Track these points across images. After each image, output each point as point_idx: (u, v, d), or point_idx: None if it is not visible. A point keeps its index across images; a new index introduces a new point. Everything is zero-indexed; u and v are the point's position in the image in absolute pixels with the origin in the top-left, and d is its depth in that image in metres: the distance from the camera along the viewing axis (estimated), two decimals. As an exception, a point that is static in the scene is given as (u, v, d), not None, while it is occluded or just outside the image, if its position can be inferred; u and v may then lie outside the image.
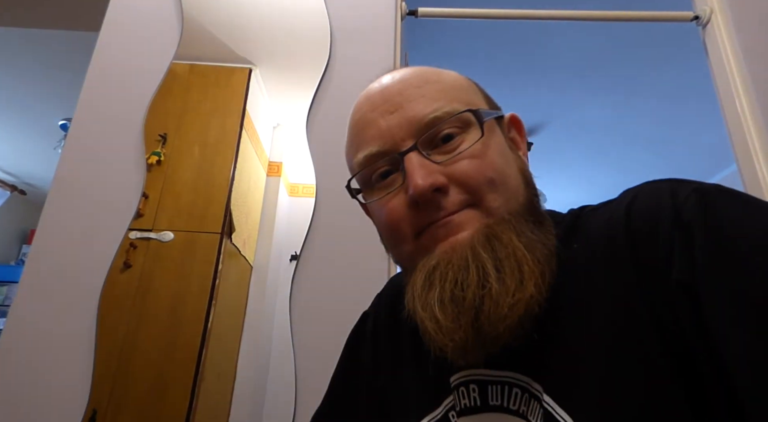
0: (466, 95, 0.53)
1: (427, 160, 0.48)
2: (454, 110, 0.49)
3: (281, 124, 1.42)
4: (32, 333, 1.13)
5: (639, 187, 0.46)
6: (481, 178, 0.48)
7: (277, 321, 1.20)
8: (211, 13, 1.46)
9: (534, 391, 0.45)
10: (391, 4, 1.47)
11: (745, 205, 0.39)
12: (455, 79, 0.55)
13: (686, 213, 0.39)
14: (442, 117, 0.49)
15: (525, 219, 0.47)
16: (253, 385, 1.17)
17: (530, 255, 0.44)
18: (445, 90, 0.52)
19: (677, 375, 0.36)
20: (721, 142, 1.71)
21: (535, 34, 2.83)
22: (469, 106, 0.51)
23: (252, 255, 1.28)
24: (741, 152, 1.36)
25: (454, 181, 0.48)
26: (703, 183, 0.42)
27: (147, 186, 1.25)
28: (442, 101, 0.50)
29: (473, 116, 0.50)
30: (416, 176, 0.46)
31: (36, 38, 2.66)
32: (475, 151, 0.48)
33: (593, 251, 0.46)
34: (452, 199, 0.47)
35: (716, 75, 1.48)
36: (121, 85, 1.37)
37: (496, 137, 0.52)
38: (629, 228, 0.42)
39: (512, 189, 0.49)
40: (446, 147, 0.49)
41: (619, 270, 0.42)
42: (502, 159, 0.50)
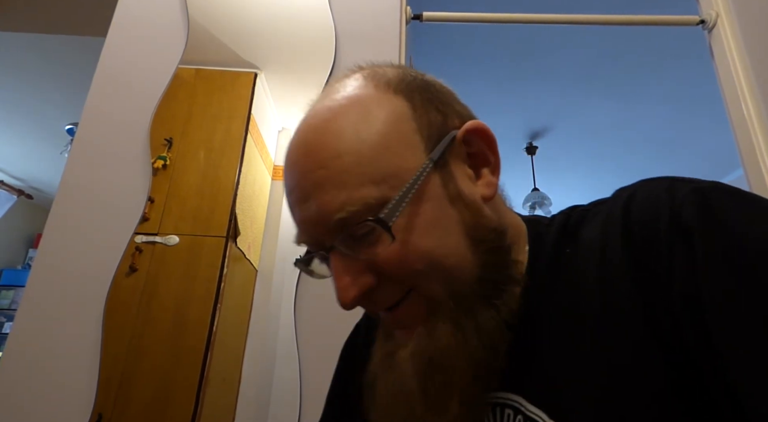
0: (381, 165, 0.43)
1: (347, 262, 0.44)
2: (363, 206, 0.42)
3: (286, 128, 1.42)
4: (38, 337, 1.14)
5: (634, 187, 0.44)
6: (409, 272, 0.43)
7: (281, 324, 1.20)
8: (216, 18, 1.47)
9: (528, 413, 0.43)
10: (396, 9, 1.47)
11: (747, 206, 0.37)
12: (367, 135, 0.44)
13: (685, 216, 0.36)
14: (348, 218, 0.42)
15: (470, 302, 0.44)
16: (258, 389, 1.16)
17: (464, 360, 0.43)
18: (348, 170, 0.43)
19: (677, 388, 0.35)
20: (727, 146, 1.70)
21: (540, 38, 2.83)
22: (384, 179, 0.43)
23: (257, 259, 1.28)
24: (747, 156, 1.35)
25: (383, 277, 0.44)
26: (702, 181, 0.40)
27: (153, 190, 1.26)
28: (348, 189, 0.42)
29: (378, 225, 0.42)
30: (340, 288, 0.44)
31: (43, 43, 2.68)
32: (397, 246, 0.42)
33: (587, 257, 0.43)
34: (385, 294, 0.45)
35: (722, 79, 1.47)
36: (127, 90, 1.38)
37: (427, 204, 0.44)
38: (626, 232, 0.40)
39: (451, 267, 0.44)
40: (366, 241, 0.43)
41: (615, 278, 0.40)
42: (436, 235, 0.44)
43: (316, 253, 0.47)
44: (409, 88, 0.47)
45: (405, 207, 0.42)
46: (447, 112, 0.48)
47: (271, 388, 1.15)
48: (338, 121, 0.45)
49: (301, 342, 1.16)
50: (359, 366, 0.61)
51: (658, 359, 0.36)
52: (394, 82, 0.47)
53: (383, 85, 0.47)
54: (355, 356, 0.65)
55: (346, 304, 0.44)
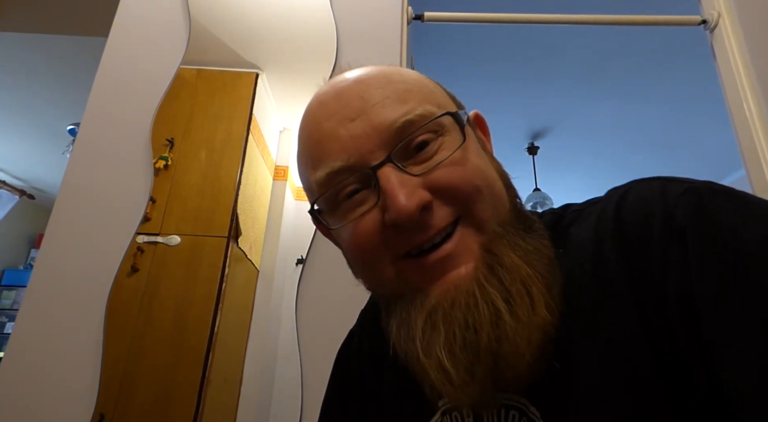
0: (434, 95, 0.47)
1: (405, 174, 0.42)
2: (428, 112, 0.43)
3: (287, 128, 1.42)
4: (40, 336, 1.14)
5: (627, 186, 0.44)
6: (468, 188, 0.42)
7: (283, 324, 1.20)
8: (218, 19, 1.47)
9: (531, 415, 0.42)
10: (397, 9, 1.47)
11: (740, 207, 0.36)
12: (419, 78, 0.49)
13: (679, 217, 0.36)
14: (414, 121, 0.43)
15: (516, 229, 0.44)
16: (260, 389, 1.17)
17: (533, 272, 0.41)
18: (411, 90, 0.45)
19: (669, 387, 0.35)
20: (728, 146, 1.70)
21: (541, 38, 2.83)
22: (440, 107, 0.45)
23: (258, 259, 1.28)
24: (749, 156, 1.35)
25: (438, 194, 0.42)
26: (695, 181, 0.39)
27: (154, 190, 1.26)
28: (411, 102, 0.44)
29: (453, 120, 0.44)
30: (399, 196, 0.40)
31: (45, 44, 2.68)
32: (457, 158, 0.43)
33: (580, 257, 0.43)
34: (438, 215, 0.42)
35: (724, 79, 1.47)
36: (128, 90, 1.38)
37: (472, 140, 0.46)
38: (618, 232, 0.40)
39: (498, 195, 0.45)
40: (422, 155, 0.43)
41: (609, 277, 0.39)
42: (483, 163, 0.45)
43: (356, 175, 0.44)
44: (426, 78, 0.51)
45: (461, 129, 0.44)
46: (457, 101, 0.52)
47: (273, 388, 1.16)
48: (391, 68, 0.49)
49: (302, 342, 1.16)
50: (353, 374, 0.62)
51: (650, 358, 0.36)
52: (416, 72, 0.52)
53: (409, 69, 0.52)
54: (349, 364, 0.64)
55: (410, 212, 0.40)
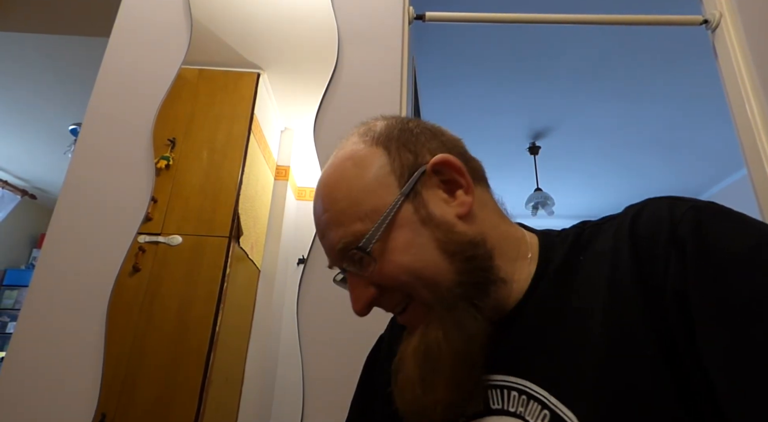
0: (365, 207, 0.56)
1: (357, 278, 0.57)
2: (351, 241, 0.55)
3: (289, 128, 1.42)
4: (42, 336, 1.14)
5: (642, 204, 0.52)
6: (400, 282, 0.55)
7: (284, 324, 1.20)
8: (219, 19, 1.47)
9: (534, 393, 0.50)
10: (399, 9, 1.47)
11: (733, 223, 0.45)
12: (352, 185, 0.57)
13: (682, 229, 0.45)
14: (344, 248, 0.56)
15: (452, 304, 0.54)
16: (261, 389, 1.17)
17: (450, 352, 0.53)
18: (346, 209, 0.56)
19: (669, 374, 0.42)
20: (731, 146, 1.70)
21: (543, 38, 2.83)
22: (370, 216, 0.55)
23: (260, 259, 1.28)
24: (751, 156, 1.35)
25: (383, 288, 0.57)
26: (699, 201, 0.48)
27: (156, 190, 1.26)
28: (345, 226, 0.56)
29: (360, 252, 0.55)
30: (352, 301, 0.58)
31: (46, 43, 2.68)
32: (382, 264, 0.55)
33: (599, 262, 0.51)
34: (390, 302, 0.58)
35: (726, 79, 1.47)
36: (130, 90, 1.38)
37: (402, 229, 0.55)
38: (633, 242, 0.48)
39: (433, 275, 0.54)
40: (362, 264, 0.55)
41: (622, 280, 0.47)
42: (412, 252, 0.55)
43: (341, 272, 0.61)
44: (389, 139, 0.60)
45: (382, 234, 0.54)
46: (419, 151, 0.59)
47: (274, 388, 1.16)
48: (336, 176, 0.59)
49: (303, 342, 1.16)
50: (380, 377, 0.70)
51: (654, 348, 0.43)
52: (378, 136, 0.60)
53: (369, 139, 0.60)
54: (376, 368, 0.74)
55: (357, 312, 0.58)
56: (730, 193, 4.70)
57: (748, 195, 1.32)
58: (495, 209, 0.62)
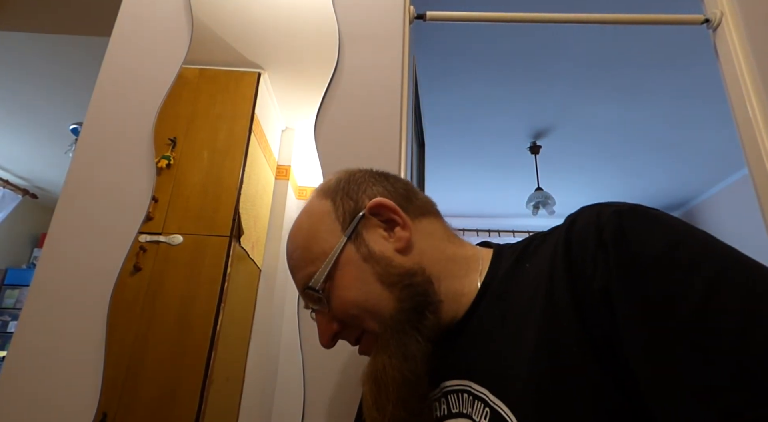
0: (316, 250, 0.66)
1: (321, 314, 0.68)
2: (307, 282, 0.65)
3: (289, 128, 1.42)
4: (43, 336, 1.14)
5: (577, 212, 0.56)
6: (351, 314, 0.64)
7: (285, 324, 1.20)
8: (220, 18, 1.47)
9: (477, 392, 0.56)
10: (399, 8, 1.47)
11: (652, 225, 0.49)
12: (306, 235, 0.69)
13: (605, 232, 0.49)
14: (302, 288, 0.66)
15: (395, 329, 0.60)
16: (262, 389, 1.17)
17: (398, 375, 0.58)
18: (302, 255, 0.68)
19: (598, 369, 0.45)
20: (732, 144, 1.69)
21: (544, 37, 2.83)
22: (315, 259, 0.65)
23: (260, 259, 1.28)
24: (752, 156, 1.35)
25: (341, 323, 0.66)
26: (623, 204, 0.52)
27: (156, 189, 1.26)
28: (302, 270, 0.67)
29: (312, 292, 0.65)
30: (319, 336, 0.68)
31: (47, 43, 2.69)
32: (333, 301, 0.65)
33: (540, 268, 0.56)
34: (348, 334, 0.68)
35: (727, 78, 1.46)
36: (131, 90, 1.38)
37: (347, 267, 0.64)
38: (566, 248, 0.52)
39: (377, 305, 0.62)
40: (320, 302, 0.65)
41: (556, 284, 0.51)
42: (356, 287, 0.64)
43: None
44: (335, 191, 0.70)
45: (329, 273, 0.64)
46: (359, 198, 0.69)
47: (275, 387, 1.16)
48: (295, 229, 0.71)
49: (304, 342, 1.16)
50: None
51: (584, 346, 0.47)
52: (327, 190, 0.71)
53: (321, 194, 0.71)
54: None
55: (322, 345, 0.68)
56: (731, 193, 4.69)
57: (749, 194, 1.32)
58: (443, 236, 0.70)
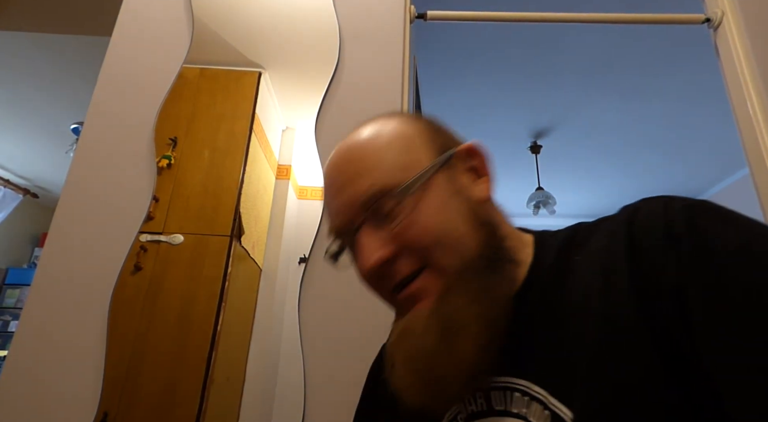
0: (402, 160, 0.57)
1: (373, 236, 0.55)
2: (385, 187, 0.55)
3: (290, 127, 1.42)
4: (44, 335, 1.14)
5: (637, 204, 0.52)
6: (425, 242, 0.54)
7: (286, 323, 1.20)
8: (221, 18, 1.47)
9: (534, 394, 0.50)
10: (400, 8, 1.47)
11: (725, 220, 0.46)
12: (392, 141, 0.59)
13: (677, 227, 0.45)
14: (378, 191, 0.55)
15: (477, 270, 0.53)
16: (263, 388, 1.17)
17: (474, 315, 0.51)
18: (379, 162, 0.57)
19: (669, 372, 0.42)
20: (733, 144, 1.69)
21: (546, 36, 2.83)
22: (407, 169, 0.56)
23: (261, 258, 1.28)
24: (753, 155, 1.35)
25: (404, 247, 0.55)
26: (692, 199, 0.49)
27: (157, 189, 1.26)
28: (375, 175, 0.56)
29: (402, 192, 0.55)
30: (363, 258, 0.55)
31: (48, 43, 2.69)
32: (416, 217, 0.54)
33: (593, 262, 0.52)
34: (403, 264, 0.55)
35: (728, 78, 1.46)
36: (132, 89, 1.38)
37: (436, 191, 0.56)
38: (629, 242, 0.49)
39: (459, 240, 0.55)
40: (390, 216, 0.55)
41: (617, 279, 0.48)
42: (443, 214, 0.55)
43: (345, 236, 0.59)
44: (423, 119, 0.64)
45: (419, 188, 0.55)
46: (449, 136, 0.63)
47: (276, 387, 1.16)
48: (374, 133, 0.60)
49: (305, 341, 1.16)
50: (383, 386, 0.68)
51: (649, 347, 0.43)
52: (412, 117, 0.64)
53: (406, 119, 0.63)
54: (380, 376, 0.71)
55: (369, 268, 0.55)
56: (732, 192, 4.69)
57: (750, 194, 1.32)
58: (501, 210, 0.64)
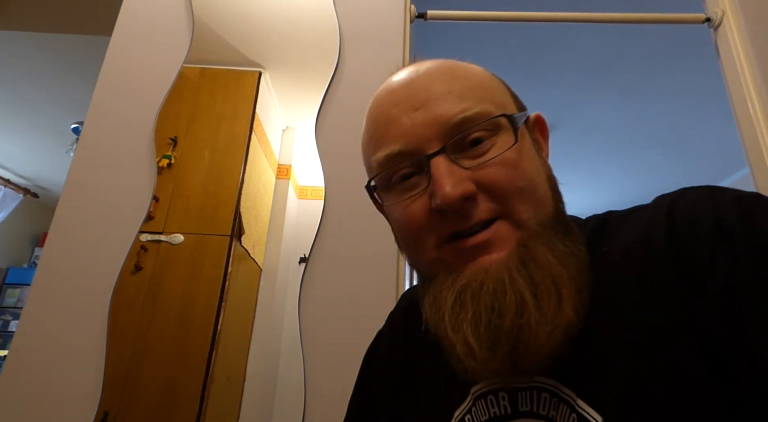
0: (495, 95, 0.51)
1: (455, 166, 0.46)
2: (486, 112, 0.47)
3: (290, 127, 1.42)
4: (44, 335, 1.14)
5: (678, 193, 0.46)
6: (512, 188, 0.46)
7: (286, 323, 1.20)
8: (221, 17, 1.47)
9: (563, 395, 0.45)
10: (400, 8, 1.47)
11: None
12: (483, 75, 0.53)
13: (728, 220, 0.40)
14: (472, 118, 0.47)
15: (555, 231, 0.47)
16: (263, 388, 1.17)
17: (566, 273, 0.44)
18: (473, 87, 0.50)
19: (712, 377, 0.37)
20: (733, 144, 1.69)
21: (546, 35, 2.82)
22: (498, 106, 0.49)
23: (261, 258, 1.28)
24: (753, 154, 1.35)
25: (484, 189, 0.46)
26: (743, 191, 0.43)
27: (157, 189, 1.26)
28: (471, 100, 0.48)
29: (507, 121, 0.48)
30: (445, 184, 0.45)
31: (48, 42, 2.68)
32: (506, 158, 0.46)
33: (627, 254, 0.45)
34: (480, 208, 0.46)
35: (728, 77, 1.46)
36: (132, 89, 1.38)
37: (526, 143, 0.50)
38: (670, 233, 0.43)
39: (541, 198, 0.48)
40: (475, 151, 0.47)
41: (656, 273, 0.42)
42: (532, 166, 0.49)
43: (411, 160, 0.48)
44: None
45: (513, 131, 0.48)
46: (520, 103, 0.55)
47: (276, 387, 1.16)
48: (458, 64, 0.53)
49: (305, 341, 1.16)
50: (380, 374, 0.65)
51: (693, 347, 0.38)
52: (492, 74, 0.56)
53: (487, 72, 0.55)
54: (378, 363, 0.68)
55: (453, 199, 0.44)
56: (732, 192, 4.68)
57: (751, 193, 1.32)
58: None
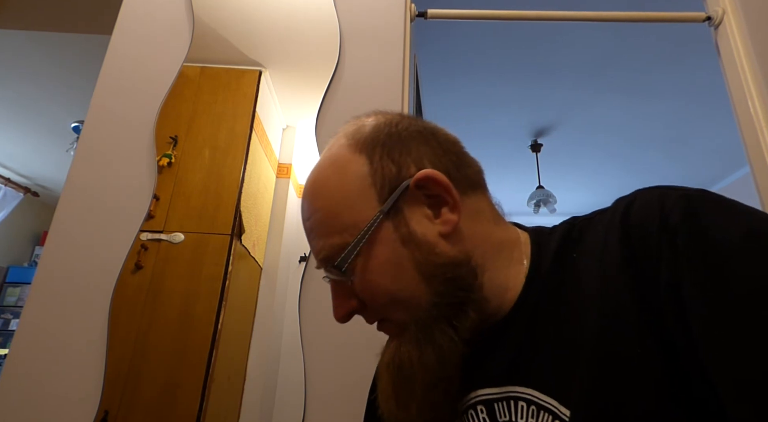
0: (348, 217, 0.54)
1: (337, 289, 0.57)
2: (331, 253, 0.54)
3: (291, 126, 1.42)
4: (45, 334, 1.14)
5: (632, 195, 0.49)
6: (378, 302, 0.54)
7: (286, 322, 1.20)
8: (221, 16, 1.47)
9: (542, 402, 0.48)
10: (401, 6, 1.47)
11: (725, 211, 0.43)
12: (338, 195, 0.55)
13: (672, 218, 0.43)
14: (324, 260, 0.55)
15: (429, 323, 0.52)
16: (263, 387, 1.17)
17: (423, 373, 0.51)
18: (325, 220, 0.55)
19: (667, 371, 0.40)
20: (733, 143, 1.69)
21: (546, 34, 2.82)
22: (349, 227, 0.53)
23: (262, 257, 1.28)
24: (754, 153, 1.34)
25: (363, 302, 0.56)
26: (690, 189, 0.46)
27: (158, 188, 1.26)
28: (324, 238, 0.55)
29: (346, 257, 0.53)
30: (333, 308, 0.58)
31: (49, 41, 2.69)
32: (363, 279, 0.54)
33: (590, 258, 0.49)
34: (369, 317, 0.58)
35: (728, 76, 1.46)
36: (132, 88, 1.38)
37: (381, 247, 0.53)
38: (623, 234, 0.46)
39: (407, 298, 0.53)
40: (345, 275, 0.54)
41: (613, 274, 0.45)
42: (390, 272, 0.53)
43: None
44: (374, 145, 0.56)
45: (361, 250, 0.52)
46: (403, 163, 0.55)
47: (276, 386, 1.16)
48: (319, 183, 0.57)
49: (305, 340, 1.16)
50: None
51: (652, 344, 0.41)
52: (363, 141, 0.57)
53: (354, 144, 0.57)
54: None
55: (338, 318, 0.57)
56: (732, 191, 4.69)
57: (751, 192, 1.32)
58: (490, 216, 0.59)
